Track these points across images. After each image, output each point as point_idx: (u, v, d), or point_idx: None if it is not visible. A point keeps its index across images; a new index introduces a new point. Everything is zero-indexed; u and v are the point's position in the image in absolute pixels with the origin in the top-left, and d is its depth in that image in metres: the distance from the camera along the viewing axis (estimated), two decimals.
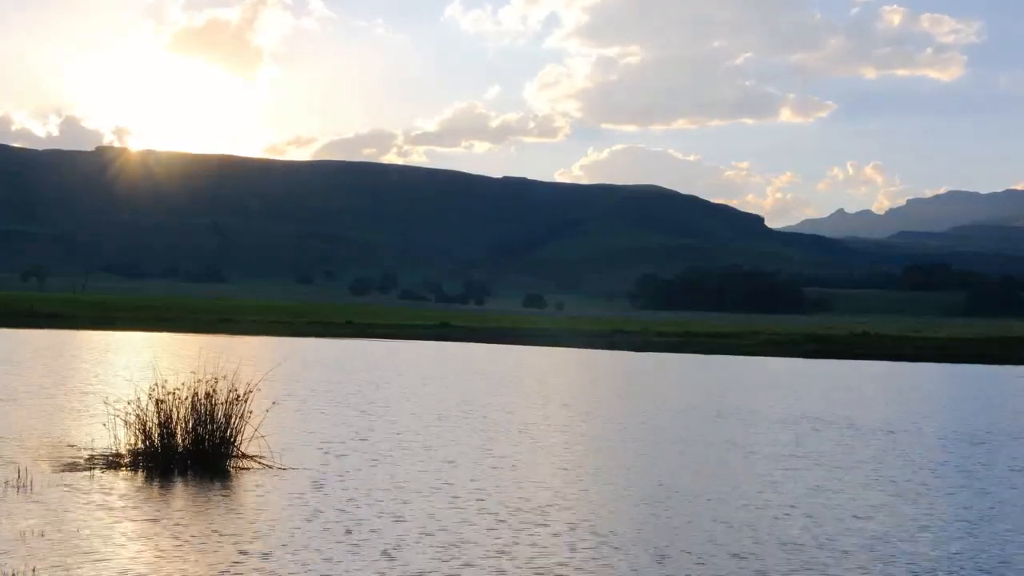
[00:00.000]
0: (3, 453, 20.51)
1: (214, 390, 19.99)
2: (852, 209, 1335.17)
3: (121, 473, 19.07)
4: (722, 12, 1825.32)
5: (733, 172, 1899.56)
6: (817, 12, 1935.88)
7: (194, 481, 18.76)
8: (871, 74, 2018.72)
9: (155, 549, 13.68)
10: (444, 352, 78.85)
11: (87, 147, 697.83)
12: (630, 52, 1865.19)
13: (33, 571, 12.25)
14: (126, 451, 20.08)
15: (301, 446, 23.16)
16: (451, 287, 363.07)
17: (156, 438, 19.72)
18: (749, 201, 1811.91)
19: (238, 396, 20.15)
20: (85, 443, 22.03)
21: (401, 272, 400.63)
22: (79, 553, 13.26)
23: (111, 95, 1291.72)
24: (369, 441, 24.74)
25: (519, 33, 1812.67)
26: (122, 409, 20.29)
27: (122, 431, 20.34)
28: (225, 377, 20.47)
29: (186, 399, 19.84)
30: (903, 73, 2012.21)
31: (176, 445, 19.79)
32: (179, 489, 18.10)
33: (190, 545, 13.90)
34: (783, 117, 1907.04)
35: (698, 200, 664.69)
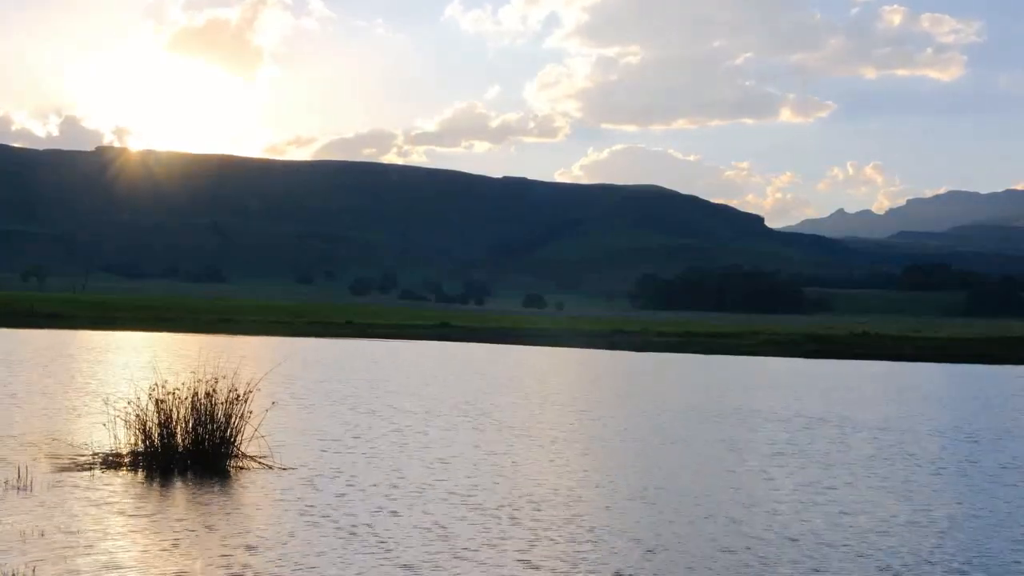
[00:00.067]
0: (3, 453, 20.55)
1: (214, 390, 20.03)
2: (852, 209, 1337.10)
3: (121, 473, 19.10)
4: (722, 12, 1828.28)
5: (733, 172, 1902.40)
6: (817, 12, 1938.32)
7: (194, 481, 18.79)
8: (871, 74, 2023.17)
9: (155, 548, 13.71)
10: (444, 352, 78.87)
11: (87, 147, 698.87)
12: (630, 52, 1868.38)
13: (33, 571, 12.29)
14: (126, 451, 20.11)
15: (301, 446, 23.20)
16: (451, 287, 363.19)
17: (156, 438, 19.75)
18: (749, 201, 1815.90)
19: (238, 396, 20.19)
20: (85, 443, 22.04)
21: (401, 272, 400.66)
22: (79, 553, 13.29)
23: (111, 95, 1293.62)
24: (369, 441, 24.77)
25: (519, 33, 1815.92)
26: (122, 409, 20.33)
27: (122, 431, 20.38)
28: (225, 377, 20.51)
29: (186, 399, 19.88)
30: (903, 73, 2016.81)
31: (176, 445, 19.83)
32: (179, 489, 18.14)
33: (190, 544, 13.94)
34: (783, 117, 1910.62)
35: (698, 200, 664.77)
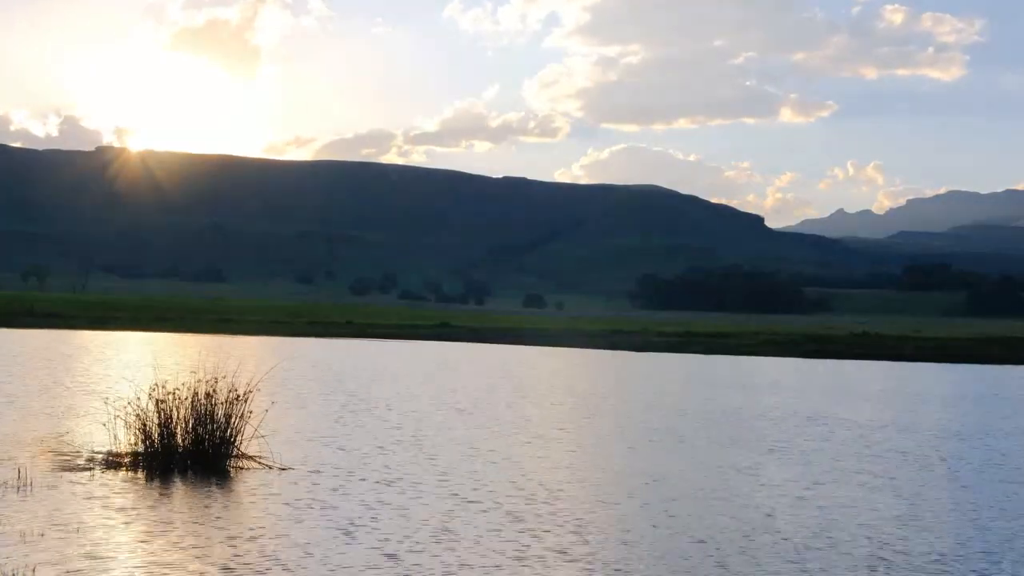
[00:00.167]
0: (3, 453, 20.53)
1: (214, 390, 20.02)
2: (852, 209, 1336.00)
3: (121, 473, 19.08)
4: (722, 11, 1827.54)
5: (733, 172, 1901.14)
6: (818, 11, 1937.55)
7: (194, 481, 18.78)
8: (872, 74, 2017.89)
9: (155, 548, 13.69)
10: (444, 352, 78.88)
11: (87, 147, 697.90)
12: (630, 51, 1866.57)
13: (33, 571, 12.26)
14: (126, 451, 20.09)
15: (301, 446, 23.19)
16: (451, 287, 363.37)
17: (156, 438, 19.73)
18: (749, 201, 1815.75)
19: (238, 396, 20.18)
20: (85, 443, 22.04)
21: (401, 272, 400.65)
22: (79, 553, 13.27)
23: (111, 95, 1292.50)
24: (369, 440, 24.76)
25: (519, 32, 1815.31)
26: (122, 409, 20.32)
27: (122, 431, 20.36)
28: (225, 377, 20.50)
29: (186, 399, 19.85)
30: (904, 73, 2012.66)
31: (176, 445, 19.81)
32: (179, 489, 18.12)
33: (190, 544, 13.92)
34: (783, 117, 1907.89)
35: (698, 200, 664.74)
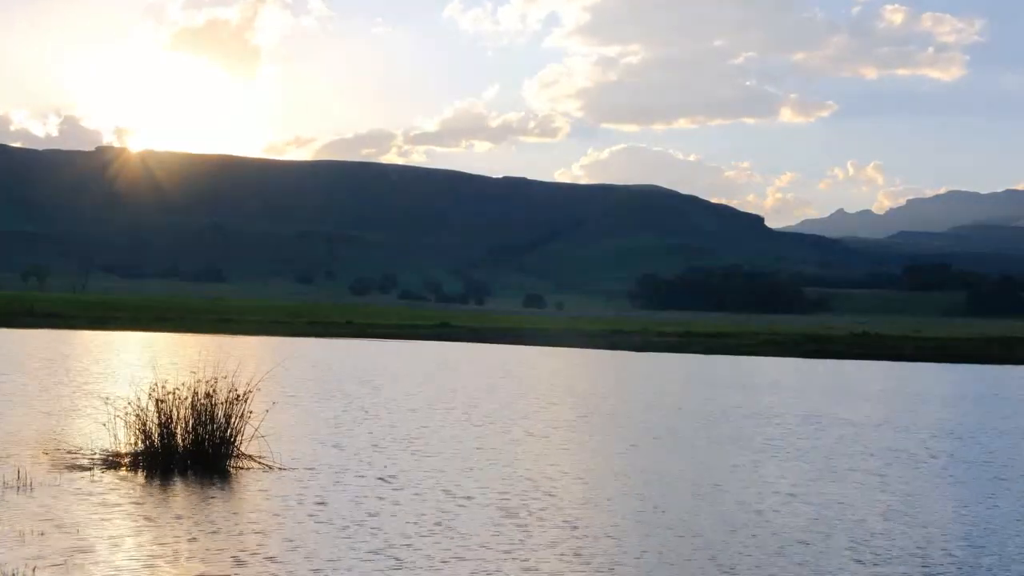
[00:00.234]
0: (3, 453, 20.53)
1: (214, 390, 20.02)
2: (852, 209, 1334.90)
3: (121, 473, 19.08)
4: (722, 12, 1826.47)
5: (733, 172, 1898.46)
6: (818, 11, 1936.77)
7: (194, 481, 18.78)
8: (872, 74, 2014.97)
9: (155, 549, 13.70)
10: (444, 352, 78.88)
11: (87, 147, 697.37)
12: (630, 51, 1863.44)
13: (33, 571, 12.27)
14: (126, 451, 20.09)
15: (301, 445, 23.18)
16: (451, 287, 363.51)
17: (156, 438, 19.73)
18: (749, 201, 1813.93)
19: (238, 396, 20.18)
20: (85, 443, 22.03)
21: (401, 272, 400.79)
22: (79, 553, 13.27)
23: (111, 95, 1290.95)
24: (368, 440, 24.76)
25: (518, 32, 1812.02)
26: (122, 409, 20.31)
27: (122, 431, 20.36)
28: (225, 377, 20.50)
29: (186, 399, 19.85)
30: (904, 73, 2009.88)
31: (176, 445, 19.80)
32: (179, 489, 18.12)
33: (190, 545, 13.92)
34: (783, 117, 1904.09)
35: (698, 200, 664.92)
